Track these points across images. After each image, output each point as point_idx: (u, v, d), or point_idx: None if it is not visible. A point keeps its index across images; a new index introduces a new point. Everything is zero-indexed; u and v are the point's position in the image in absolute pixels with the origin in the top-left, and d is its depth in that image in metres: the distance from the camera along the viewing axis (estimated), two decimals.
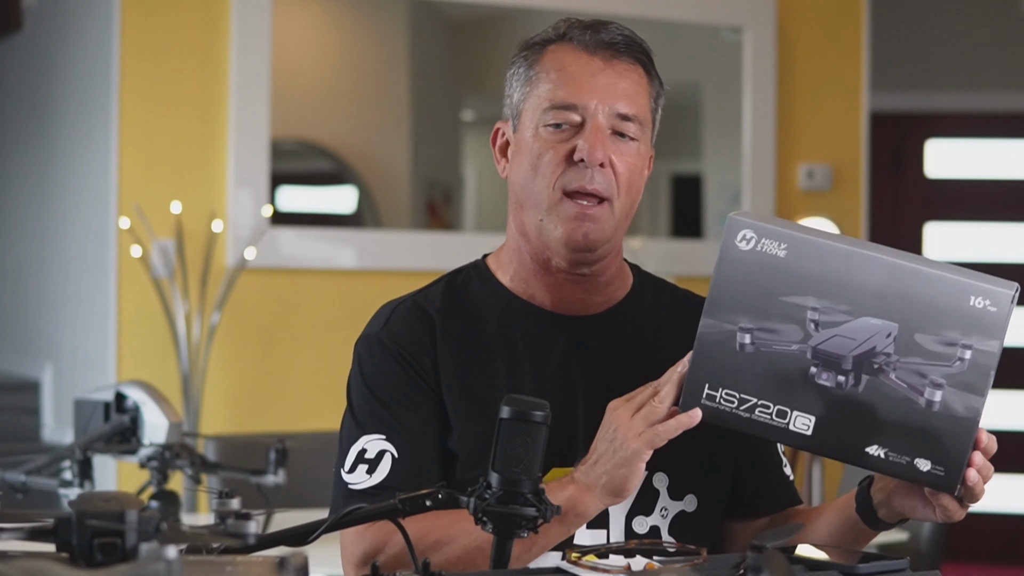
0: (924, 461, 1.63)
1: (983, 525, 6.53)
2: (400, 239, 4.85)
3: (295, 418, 4.52)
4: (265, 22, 4.51)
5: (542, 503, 1.52)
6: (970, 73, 6.63)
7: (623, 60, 1.84)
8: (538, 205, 1.83)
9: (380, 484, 1.79)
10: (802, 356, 1.62)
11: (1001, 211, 6.61)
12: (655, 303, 1.93)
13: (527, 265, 1.89)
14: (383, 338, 1.86)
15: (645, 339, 1.90)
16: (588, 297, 1.89)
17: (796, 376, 1.62)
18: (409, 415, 1.83)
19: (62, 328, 4.98)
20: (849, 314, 1.60)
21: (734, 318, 1.62)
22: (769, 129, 5.14)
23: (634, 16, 4.93)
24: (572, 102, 1.81)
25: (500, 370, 1.85)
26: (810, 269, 1.61)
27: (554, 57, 1.84)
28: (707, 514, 1.87)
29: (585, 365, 1.87)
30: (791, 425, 1.64)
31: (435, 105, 5.39)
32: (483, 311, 1.89)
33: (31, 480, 2.82)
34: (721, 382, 1.65)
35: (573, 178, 1.80)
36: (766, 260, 1.61)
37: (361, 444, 1.82)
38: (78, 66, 4.83)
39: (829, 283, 1.60)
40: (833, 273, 1.60)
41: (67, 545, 1.25)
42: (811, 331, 1.61)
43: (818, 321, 1.61)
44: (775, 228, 1.62)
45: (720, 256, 1.63)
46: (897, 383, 1.61)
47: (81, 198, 4.77)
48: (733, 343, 1.63)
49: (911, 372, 1.61)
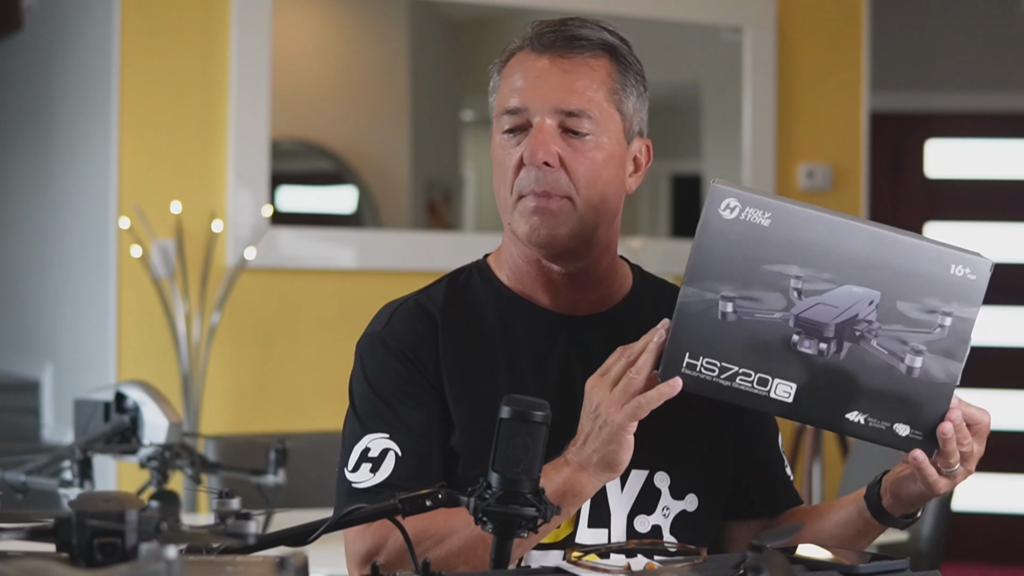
0: (903, 426, 1.66)
1: (983, 525, 6.53)
2: (400, 239, 4.85)
3: (295, 418, 4.52)
4: (265, 22, 4.51)
5: (542, 503, 1.52)
6: (970, 73, 6.63)
7: (574, 57, 1.82)
8: (505, 209, 1.85)
9: (384, 482, 1.79)
10: (784, 324, 1.63)
11: (1001, 211, 6.61)
12: (656, 303, 1.93)
13: (521, 266, 1.89)
14: (385, 337, 1.87)
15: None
16: (584, 296, 1.89)
17: (778, 344, 1.63)
18: (412, 413, 1.83)
19: (62, 328, 4.98)
20: (832, 282, 1.62)
21: (716, 287, 1.63)
22: (769, 129, 5.14)
23: (635, 16, 4.94)
24: (517, 106, 1.81)
25: (502, 369, 1.85)
26: (794, 238, 1.62)
27: (513, 63, 1.85)
28: (707, 513, 1.87)
29: (586, 365, 1.86)
30: (772, 393, 1.66)
31: (435, 105, 5.39)
32: (485, 310, 1.90)
33: (31, 480, 2.82)
34: (702, 351, 1.65)
35: (525, 182, 1.81)
36: (749, 229, 1.61)
37: (364, 443, 1.82)
38: (78, 66, 4.83)
39: (813, 252, 1.61)
40: (817, 242, 1.61)
41: (67, 545, 1.25)
42: (794, 299, 1.62)
43: (801, 289, 1.62)
44: (759, 197, 1.63)
45: (702, 224, 1.63)
46: (878, 350, 1.63)
47: (81, 198, 4.77)
48: (715, 311, 1.64)
49: (892, 339, 1.63)
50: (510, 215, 1.83)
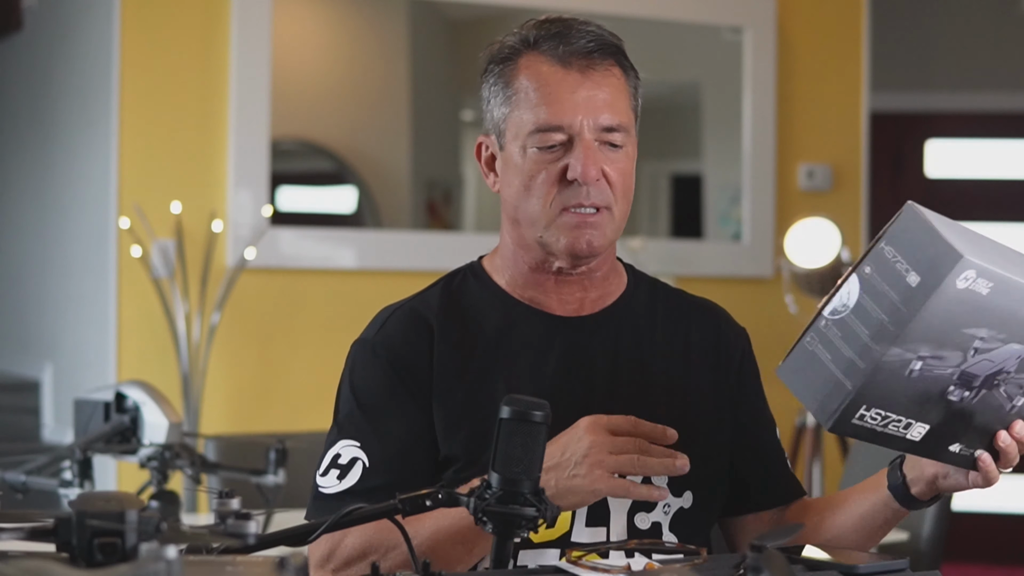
0: (982, 451, 1.70)
1: (983, 525, 6.53)
2: (400, 239, 4.85)
3: (295, 418, 4.52)
4: (265, 22, 4.51)
5: (542, 503, 1.52)
6: (970, 73, 6.63)
7: (598, 67, 1.83)
8: (535, 223, 1.83)
9: (347, 490, 1.81)
10: (950, 378, 1.60)
11: (1001, 211, 6.61)
12: (650, 301, 1.94)
13: (525, 272, 1.90)
14: (376, 344, 1.87)
15: (642, 337, 1.91)
16: (585, 295, 1.90)
17: (935, 394, 1.61)
18: (391, 423, 1.84)
19: (62, 328, 4.98)
20: (1003, 341, 1.59)
21: (918, 347, 1.56)
22: (769, 129, 5.14)
23: (635, 16, 4.94)
24: (557, 123, 1.81)
25: (499, 371, 1.86)
26: (1002, 307, 1.56)
27: (529, 73, 1.84)
28: (703, 510, 1.88)
29: (584, 364, 1.87)
30: (908, 434, 1.64)
31: (435, 105, 5.39)
32: (481, 313, 1.90)
33: (31, 480, 2.82)
34: (877, 403, 1.60)
35: (570, 196, 1.81)
36: (970, 297, 1.54)
37: (337, 448, 1.85)
38: (78, 66, 4.83)
39: (1005, 317, 1.57)
40: (1013, 310, 1.57)
41: (67, 545, 1.25)
42: (969, 357, 1.59)
43: (979, 348, 1.59)
44: (991, 269, 1.54)
45: (935, 292, 1.52)
46: (1001, 394, 1.64)
47: (81, 198, 4.77)
48: (905, 369, 1.58)
49: (1016, 385, 1.64)
50: (543, 228, 1.83)
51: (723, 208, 5.30)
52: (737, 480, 1.93)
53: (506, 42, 1.88)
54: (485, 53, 1.91)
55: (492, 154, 1.90)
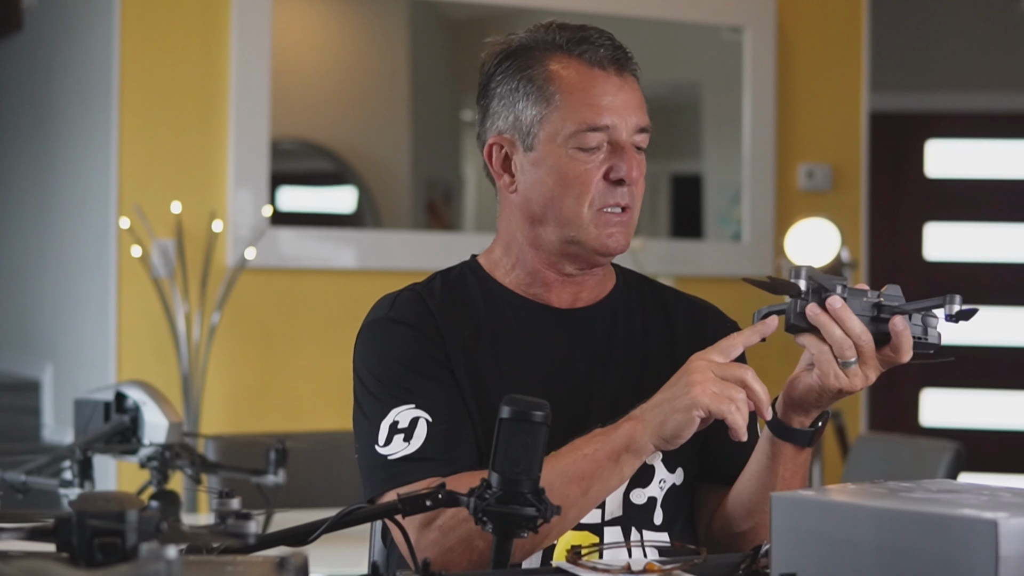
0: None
1: None
2: (400, 239, 4.85)
3: (295, 418, 4.52)
4: (265, 22, 4.51)
5: (542, 503, 1.52)
6: (970, 73, 6.63)
7: (627, 71, 1.89)
8: (570, 222, 1.86)
9: (421, 447, 1.79)
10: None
11: (1001, 211, 6.61)
12: (639, 293, 2.00)
13: (532, 271, 1.92)
14: (393, 319, 1.88)
15: (634, 324, 1.96)
16: (581, 291, 1.95)
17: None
18: (432, 384, 1.84)
19: (62, 328, 4.98)
20: None
21: None
22: (769, 129, 5.14)
23: (635, 16, 4.94)
24: (603, 123, 1.85)
25: (500, 364, 1.87)
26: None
27: (568, 75, 1.86)
28: (686, 485, 1.92)
29: (583, 350, 1.91)
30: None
31: (435, 105, 5.39)
32: (480, 307, 1.92)
33: (31, 480, 2.82)
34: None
35: (608, 196, 1.86)
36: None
37: (391, 417, 1.82)
38: (78, 66, 4.83)
39: None
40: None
41: (67, 545, 1.25)
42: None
43: None
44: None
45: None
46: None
47: (81, 198, 4.77)
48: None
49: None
50: (578, 227, 1.86)
51: (723, 208, 5.30)
52: (704, 450, 1.95)
53: (523, 43, 1.90)
54: (489, 53, 1.92)
55: (506, 154, 1.91)
